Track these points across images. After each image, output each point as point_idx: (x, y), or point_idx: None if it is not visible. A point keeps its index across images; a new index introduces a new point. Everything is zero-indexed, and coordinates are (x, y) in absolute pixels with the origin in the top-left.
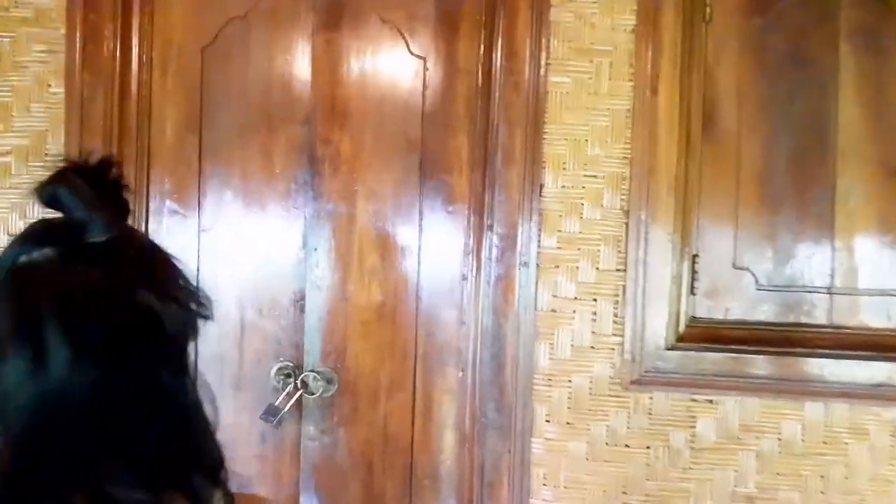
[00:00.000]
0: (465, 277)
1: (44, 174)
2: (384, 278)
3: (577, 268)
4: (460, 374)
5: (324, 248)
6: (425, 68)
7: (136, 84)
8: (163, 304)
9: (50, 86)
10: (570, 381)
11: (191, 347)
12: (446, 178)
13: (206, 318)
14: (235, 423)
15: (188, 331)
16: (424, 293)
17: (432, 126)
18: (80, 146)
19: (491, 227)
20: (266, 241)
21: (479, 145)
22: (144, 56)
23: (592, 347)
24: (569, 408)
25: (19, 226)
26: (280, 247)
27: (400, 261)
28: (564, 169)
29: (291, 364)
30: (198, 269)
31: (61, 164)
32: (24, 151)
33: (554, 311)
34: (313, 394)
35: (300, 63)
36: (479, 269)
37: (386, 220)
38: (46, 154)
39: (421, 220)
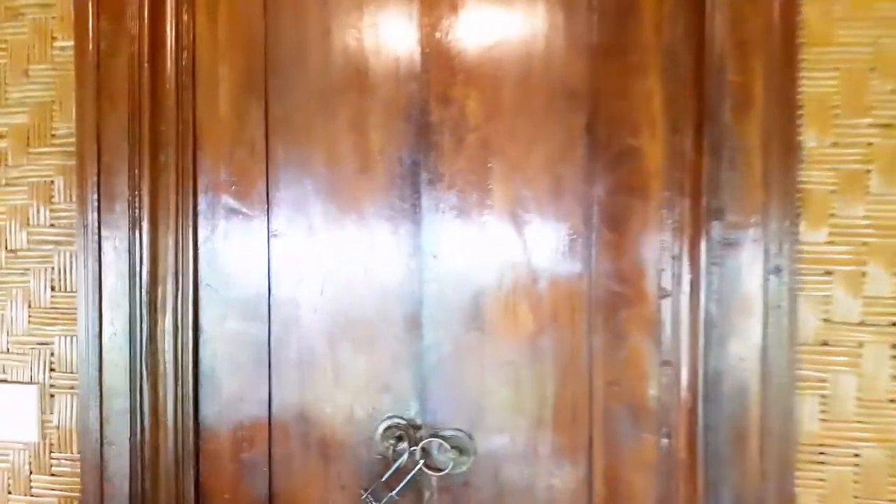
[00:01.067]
0: (666, 293)
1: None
2: (538, 296)
3: (864, 274)
4: (664, 441)
5: (446, 254)
6: None
7: (174, 33)
8: None
9: (55, 39)
10: (856, 454)
11: None
12: (630, 142)
13: None
14: None
15: None
16: (600, 318)
17: (605, 65)
18: (97, 123)
19: (718, 214)
20: (363, 246)
21: (685, 88)
22: None
23: (893, 401)
24: (856, 497)
25: (21, 237)
26: (383, 255)
27: (562, 270)
28: (836, 116)
29: (404, 422)
30: (269, 290)
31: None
32: (22, 133)
33: (826, 344)
34: (441, 470)
35: None
36: (694, 280)
37: (538, 209)
38: (54, 135)
39: (592, 207)
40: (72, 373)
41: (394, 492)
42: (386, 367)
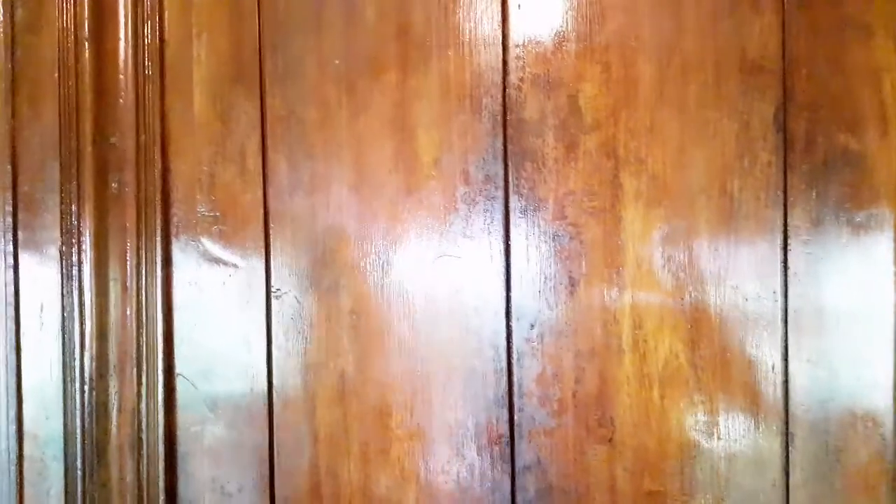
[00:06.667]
0: None
1: None
2: (700, 390)
3: None
4: None
5: (551, 324)
6: None
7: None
8: None
9: None
10: None
11: None
12: (846, 141)
13: None
14: None
15: None
16: (807, 455)
17: (807, 21)
18: (12, 134)
19: None
20: (413, 313)
21: None
22: None
23: None
24: None
25: None
26: (446, 327)
27: (738, 357)
28: None
29: None
30: (268, 379)
31: None
32: None
33: None
34: None
35: None
36: None
37: (698, 250)
38: None
39: (786, 246)
40: None
41: None
42: None
